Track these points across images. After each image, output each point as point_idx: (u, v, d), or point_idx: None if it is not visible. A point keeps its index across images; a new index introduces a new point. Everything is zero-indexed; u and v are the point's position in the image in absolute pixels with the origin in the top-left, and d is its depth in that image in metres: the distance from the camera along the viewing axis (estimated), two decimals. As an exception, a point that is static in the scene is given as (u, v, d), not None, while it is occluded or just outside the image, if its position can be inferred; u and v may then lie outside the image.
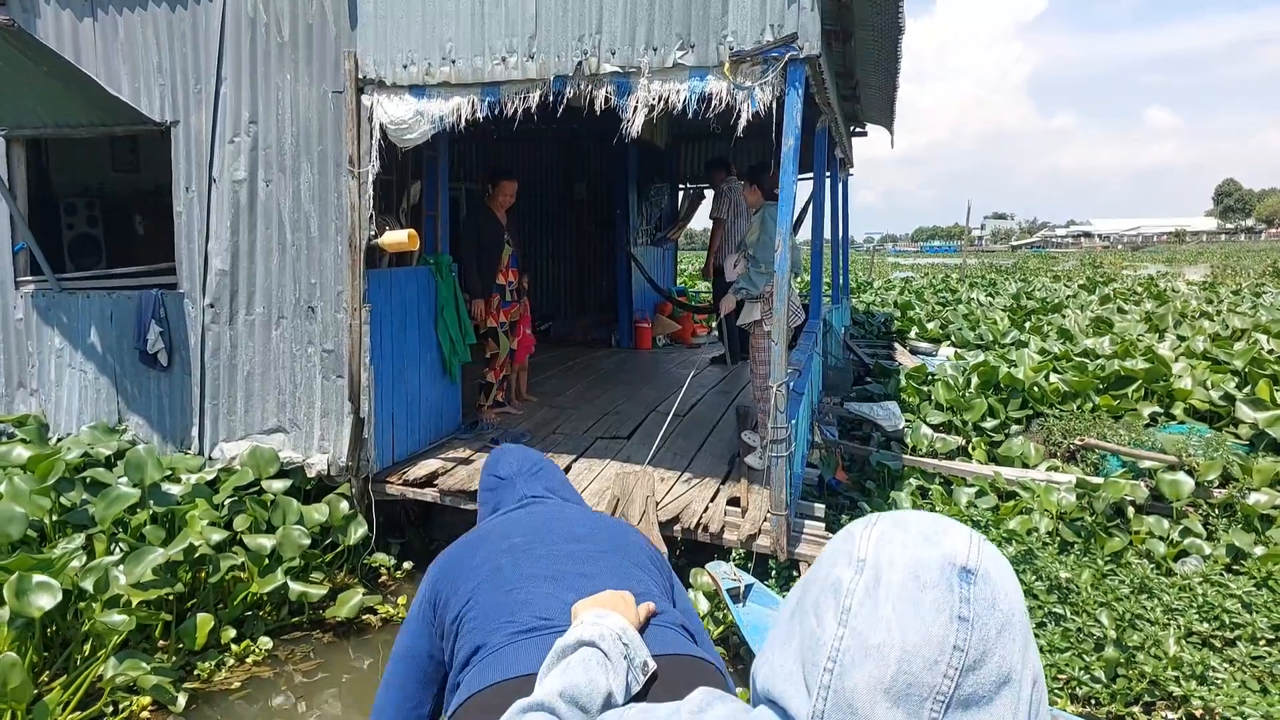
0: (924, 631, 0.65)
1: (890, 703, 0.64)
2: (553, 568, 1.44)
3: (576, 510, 1.68)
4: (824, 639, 0.67)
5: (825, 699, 0.66)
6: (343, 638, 4.17)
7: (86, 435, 4.86)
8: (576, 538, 1.53)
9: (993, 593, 0.67)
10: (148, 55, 4.98)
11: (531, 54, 4.23)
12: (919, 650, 0.64)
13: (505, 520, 1.65)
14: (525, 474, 1.83)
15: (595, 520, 1.62)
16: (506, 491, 1.80)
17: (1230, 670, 3.54)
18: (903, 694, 0.64)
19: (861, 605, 0.67)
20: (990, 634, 0.65)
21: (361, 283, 4.66)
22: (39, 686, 3.27)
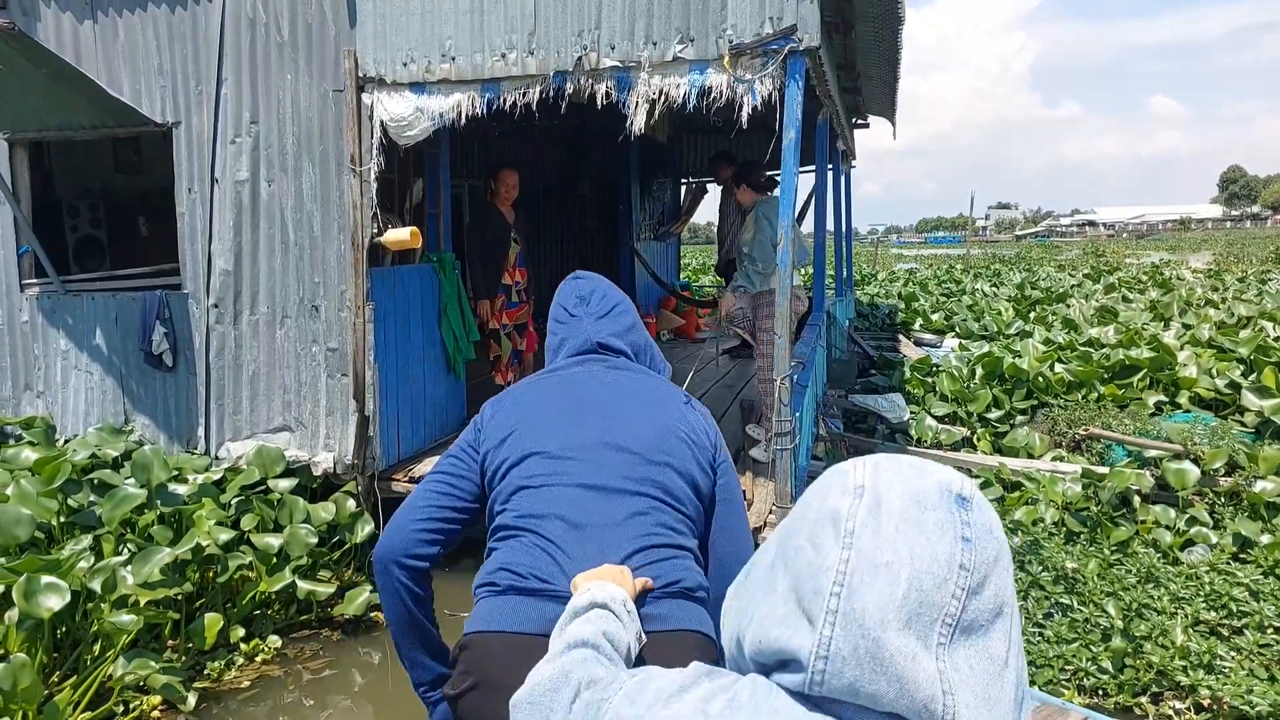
0: (931, 549, 0.64)
1: (902, 623, 0.62)
2: (578, 506, 1.50)
3: (628, 396, 1.67)
4: (826, 564, 0.65)
5: (833, 623, 0.63)
6: (351, 635, 4.19)
7: (93, 436, 4.88)
8: (615, 445, 1.56)
9: (987, 520, 0.67)
10: (148, 57, 4.98)
11: (531, 50, 4.22)
12: (929, 567, 0.63)
13: (558, 388, 1.69)
14: (594, 314, 1.81)
15: (642, 414, 1.62)
16: (574, 329, 1.81)
17: (1238, 659, 3.54)
18: (915, 613, 0.62)
19: (865, 526, 0.65)
20: (989, 558, 0.66)
21: (365, 281, 4.66)
22: (49, 687, 3.29)
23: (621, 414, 1.62)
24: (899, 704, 0.62)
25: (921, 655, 0.62)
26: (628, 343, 1.81)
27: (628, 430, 1.59)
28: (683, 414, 1.65)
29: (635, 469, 1.54)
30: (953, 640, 0.63)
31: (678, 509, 1.55)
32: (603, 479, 1.52)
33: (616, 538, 1.47)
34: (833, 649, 0.63)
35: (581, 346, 1.79)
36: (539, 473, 1.55)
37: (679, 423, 1.63)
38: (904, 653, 0.61)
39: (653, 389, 1.70)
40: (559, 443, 1.57)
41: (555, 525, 1.49)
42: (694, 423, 1.65)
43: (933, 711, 0.61)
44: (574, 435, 1.58)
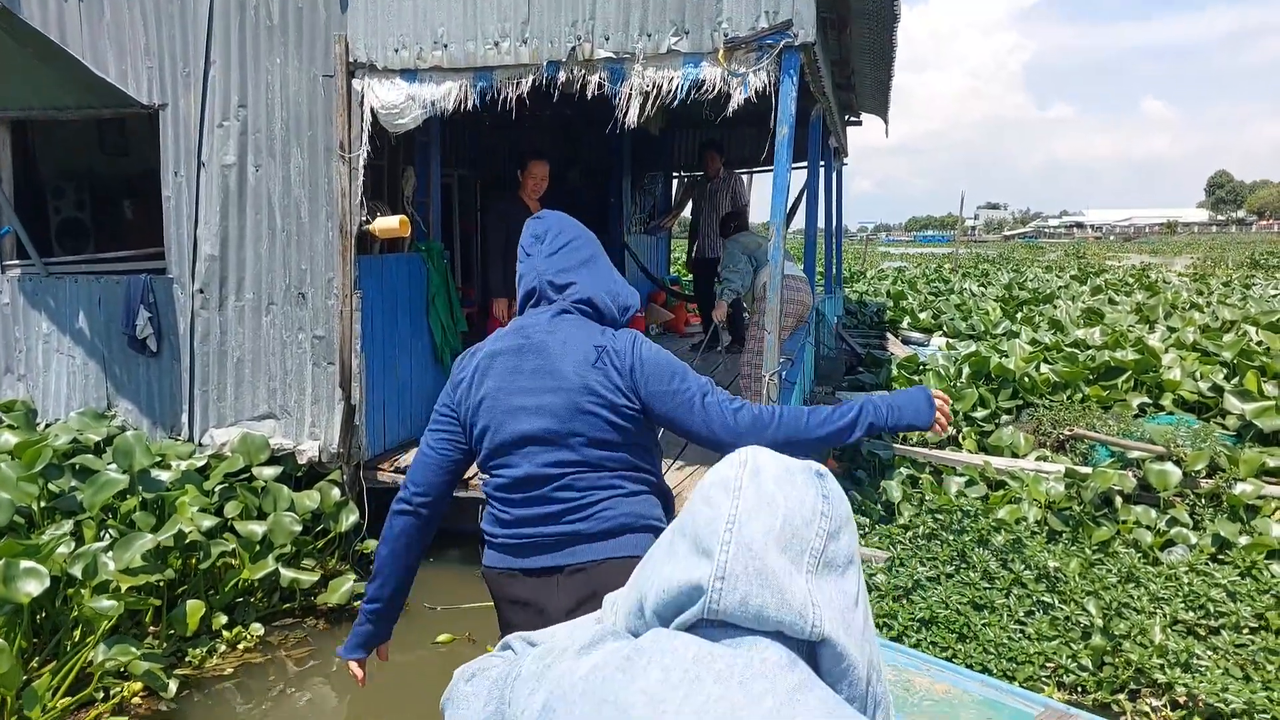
0: (800, 497, 0.81)
1: (780, 549, 0.77)
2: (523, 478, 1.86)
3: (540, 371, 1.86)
4: (720, 513, 0.79)
5: (729, 550, 0.77)
6: (334, 624, 4.17)
7: (75, 421, 4.84)
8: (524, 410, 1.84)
9: (839, 492, 0.85)
10: (134, 37, 4.92)
11: (524, 39, 4.20)
12: (798, 509, 0.80)
13: (499, 350, 1.91)
14: (545, 252, 1.98)
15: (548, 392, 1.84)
16: (529, 268, 2.00)
17: (1214, 658, 3.58)
18: (789, 542, 0.78)
19: (748, 485, 0.81)
20: (841, 516, 0.83)
21: (352, 269, 4.63)
22: (28, 672, 3.26)
23: (537, 380, 1.85)
24: (780, 613, 0.75)
25: (795, 574, 0.77)
26: (572, 278, 1.94)
27: (547, 393, 1.83)
28: (587, 379, 1.82)
29: (557, 429, 1.82)
30: (818, 570, 0.79)
31: (592, 454, 1.83)
32: (532, 430, 1.83)
33: (552, 502, 1.83)
34: (728, 570, 0.76)
35: (531, 284, 1.98)
36: (493, 433, 1.87)
37: (587, 382, 1.82)
38: (782, 570, 0.76)
39: (569, 348, 1.86)
40: (504, 407, 1.86)
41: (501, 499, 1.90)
42: (603, 371, 1.83)
43: (805, 618, 0.75)
44: (514, 398, 1.86)
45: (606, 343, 1.85)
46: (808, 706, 0.71)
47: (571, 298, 1.92)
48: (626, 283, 2.03)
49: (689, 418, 1.82)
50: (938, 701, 2.61)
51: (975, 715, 2.55)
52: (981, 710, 2.57)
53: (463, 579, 4.64)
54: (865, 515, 4.89)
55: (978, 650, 3.66)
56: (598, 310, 1.93)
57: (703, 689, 0.72)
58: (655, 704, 0.73)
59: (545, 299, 1.95)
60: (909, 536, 4.59)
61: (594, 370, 1.81)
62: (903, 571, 4.18)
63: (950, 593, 4.00)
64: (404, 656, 3.96)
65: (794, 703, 0.71)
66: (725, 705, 0.71)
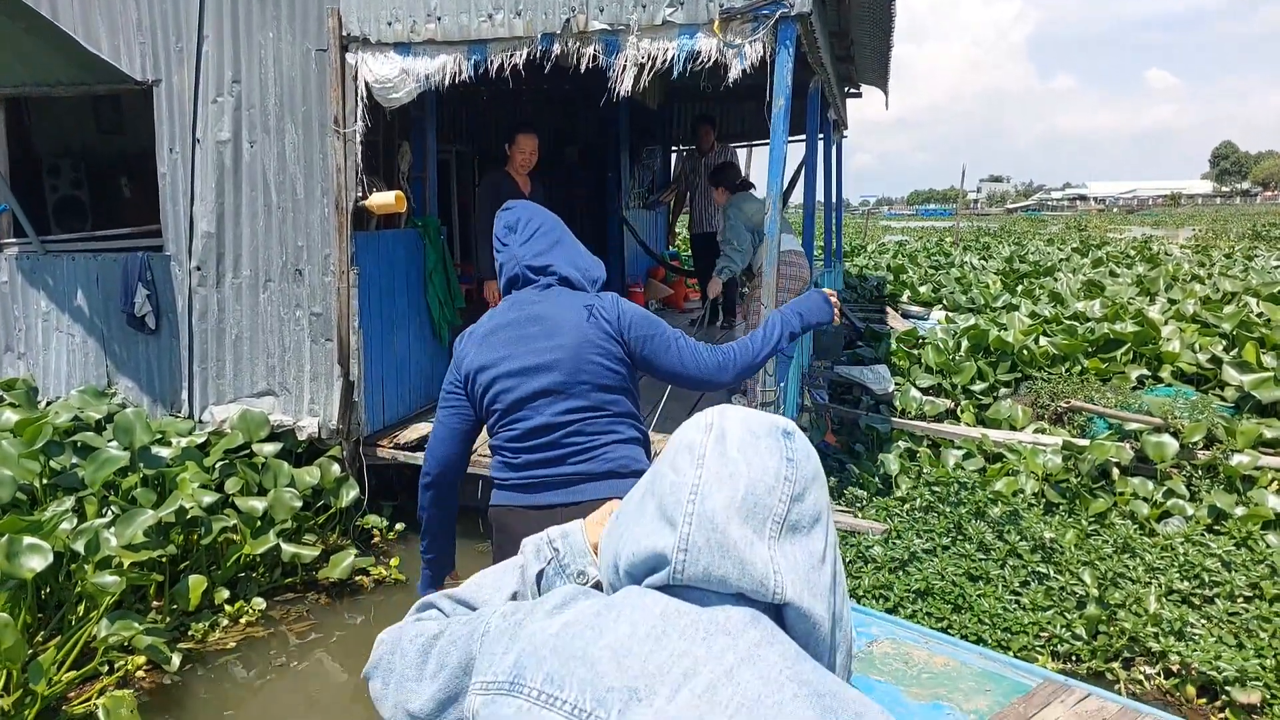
0: (763, 465, 0.81)
1: (741, 519, 0.79)
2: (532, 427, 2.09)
3: (543, 335, 2.09)
4: (684, 481, 0.82)
5: (690, 523, 0.80)
6: (336, 598, 4.21)
7: (75, 399, 4.85)
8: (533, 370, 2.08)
9: (806, 449, 0.85)
10: (126, 11, 4.88)
11: (518, 10, 4.16)
12: (761, 478, 0.81)
13: (498, 322, 2.15)
14: (519, 240, 2.21)
15: (553, 350, 2.07)
16: (506, 256, 2.23)
17: (1208, 626, 3.62)
18: (751, 512, 0.80)
19: (712, 452, 0.82)
20: (808, 476, 0.84)
21: (349, 245, 4.63)
22: (33, 646, 3.31)
23: (540, 341, 2.08)
24: (741, 582, 0.78)
25: (757, 544, 0.79)
26: (547, 260, 2.18)
27: (555, 349, 2.07)
28: (587, 332, 2.08)
29: (566, 380, 2.05)
30: (781, 535, 0.80)
31: (599, 399, 2.08)
32: (543, 385, 2.06)
33: (562, 446, 2.06)
34: (690, 542, 0.79)
35: (512, 271, 2.20)
36: (504, 394, 2.08)
37: (588, 335, 2.08)
38: (743, 541, 0.78)
39: (564, 311, 2.11)
40: (511, 369, 2.07)
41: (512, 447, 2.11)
42: (598, 326, 2.09)
43: (766, 586, 0.78)
44: (521, 360, 2.08)
45: (594, 301, 2.13)
46: (767, 661, 0.75)
47: (550, 276, 2.17)
48: (592, 256, 2.27)
49: (666, 357, 2.14)
50: (937, 674, 2.63)
51: (974, 687, 2.57)
52: (980, 682, 2.59)
53: (460, 555, 4.65)
54: (863, 488, 4.91)
55: (973, 621, 3.69)
56: (573, 285, 2.18)
57: (668, 644, 0.77)
58: (620, 658, 0.77)
59: (527, 281, 2.18)
60: (906, 509, 4.61)
61: (589, 325, 2.08)
62: (899, 544, 4.21)
63: (946, 564, 4.03)
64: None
65: (754, 658, 0.75)
66: (689, 660, 0.75)
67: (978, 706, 2.47)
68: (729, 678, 0.74)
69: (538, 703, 0.79)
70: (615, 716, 0.74)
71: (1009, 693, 2.55)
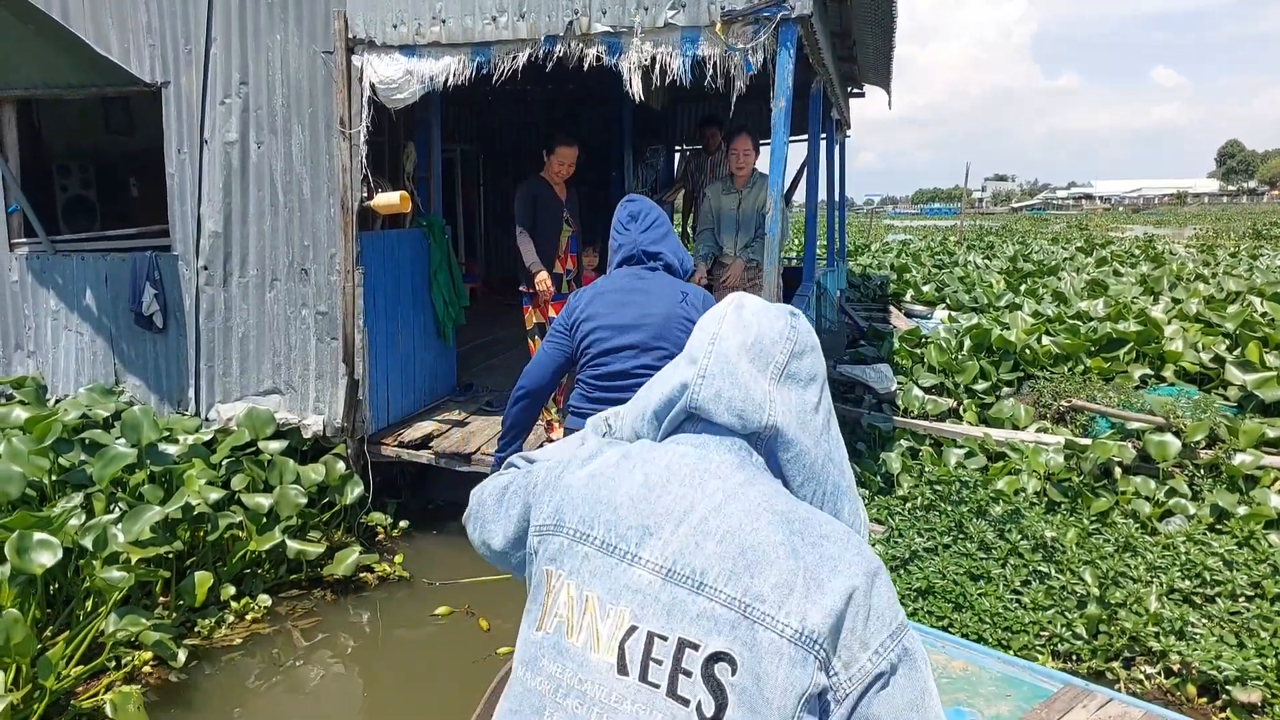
0: (771, 323, 1.06)
1: (749, 359, 1.04)
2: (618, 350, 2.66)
3: (645, 297, 2.67)
4: (707, 333, 1.07)
5: (709, 356, 1.04)
6: (341, 595, 4.25)
7: (84, 397, 4.90)
8: (628, 327, 2.65)
9: (808, 327, 1.09)
10: (136, 14, 4.92)
11: (522, 13, 4.19)
12: (768, 331, 1.06)
13: (608, 287, 2.72)
14: (639, 229, 2.77)
15: (647, 316, 2.64)
16: (626, 239, 2.77)
17: (1209, 626, 3.62)
18: (757, 354, 1.04)
19: (731, 314, 1.08)
20: (807, 344, 1.07)
21: (354, 245, 4.66)
22: (42, 641, 3.34)
23: (640, 309, 2.65)
24: (743, 405, 1.02)
25: (760, 377, 1.04)
26: (659, 246, 2.75)
27: (644, 321, 2.64)
28: (676, 310, 2.65)
29: (650, 340, 2.63)
30: (781, 379, 1.04)
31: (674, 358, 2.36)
32: (632, 340, 2.64)
33: (628, 382, 2.57)
34: (708, 371, 1.04)
35: (630, 252, 2.76)
36: (599, 341, 2.66)
37: (676, 313, 2.65)
38: (748, 374, 1.03)
39: (663, 291, 2.69)
40: (610, 324, 2.65)
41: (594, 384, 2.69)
42: (686, 311, 2.65)
43: (762, 409, 1.02)
44: (619, 318, 2.66)
45: (688, 290, 2.73)
46: (748, 498, 0.98)
47: (659, 262, 2.75)
48: (685, 250, 2.85)
49: None
50: (956, 679, 2.62)
51: (995, 692, 2.55)
52: (1000, 687, 2.57)
53: (464, 552, 4.68)
54: (865, 487, 4.93)
55: (973, 620, 3.71)
56: (672, 270, 2.77)
57: (672, 489, 1.00)
58: (635, 503, 1.00)
59: (639, 261, 2.76)
60: (908, 508, 4.63)
61: (679, 305, 2.66)
62: (900, 542, 4.23)
63: (947, 563, 4.05)
64: (404, 629, 4.05)
65: (738, 495, 0.98)
66: (687, 501, 0.99)
67: (999, 712, 2.46)
68: (718, 511, 0.97)
69: (575, 539, 1.02)
70: (634, 547, 0.98)
71: (1030, 697, 2.53)
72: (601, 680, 0.93)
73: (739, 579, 0.92)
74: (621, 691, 0.92)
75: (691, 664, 0.90)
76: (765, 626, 0.90)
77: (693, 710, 0.89)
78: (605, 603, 0.96)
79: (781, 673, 0.88)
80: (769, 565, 0.92)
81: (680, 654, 0.91)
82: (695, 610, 0.92)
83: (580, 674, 0.95)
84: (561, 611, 0.99)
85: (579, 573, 1.00)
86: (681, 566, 0.94)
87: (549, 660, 0.98)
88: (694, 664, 0.90)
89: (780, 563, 0.92)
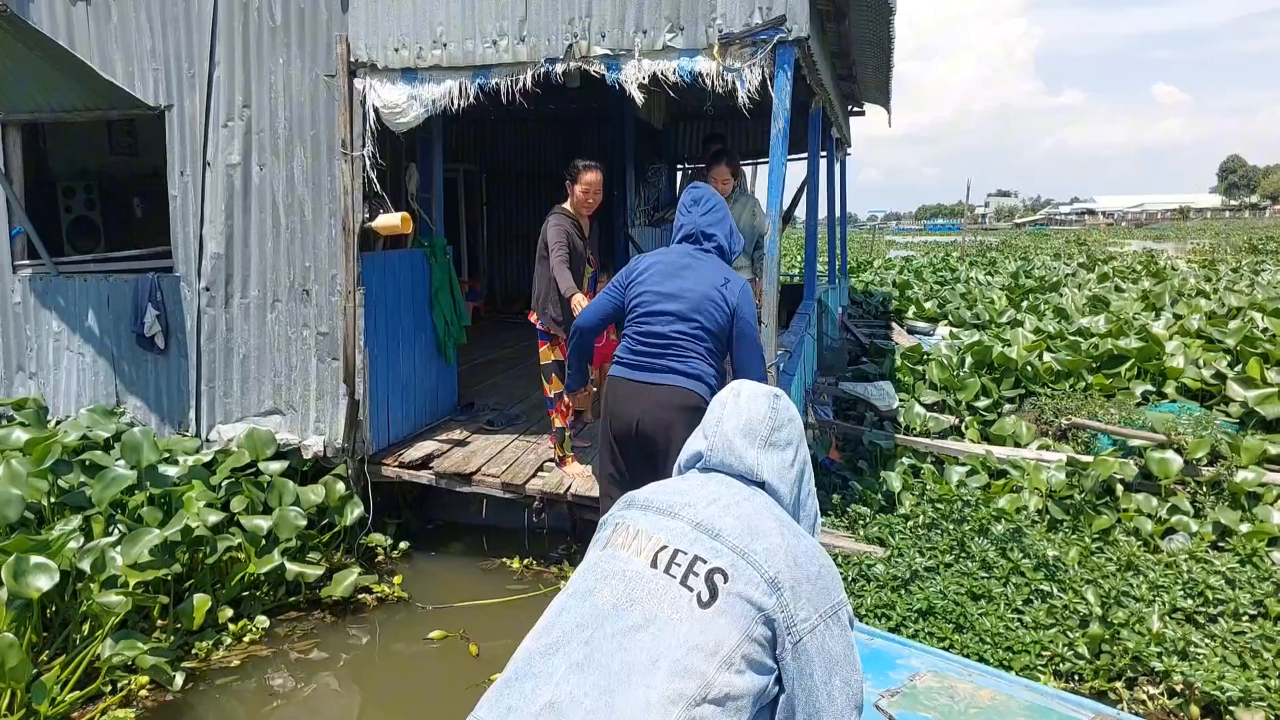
0: (758, 407, 1.58)
1: (742, 435, 1.56)
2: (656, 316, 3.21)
3: (693, 274, 3.19)
4: (714, 415, 1.62)
5: (715, 436, 1.58)
6: (339, 617, 4.23)
7: (85, 418, 4.91)
8: (672, 296, 3.18)
9: (788, 404, 1.61)
10: (141, 39, 4.98)
11: (522, 37, 4.23)
12: (755, 413, 1.58)
13: (665, 258, 3.28)
14: (699, 212, 3.30)
15: (696, 285, 3.17)
16: (688, 220, 3.30)
17: (1212, 646, 3.59)
18: (748, 432, 1.56)
19: (731, 401, 1.61)
20: (784, 419, 1.59)
21: (356, 266, 4.68)
22: (38, 666, 3.34)
23: (684, 282, 3.18)
24: (739, 467, 1.54)
25: (750, 448, 1.55)
26: (715, 229, 3.28)
27: (685, 293, 3.16)
28: (714, 293, 3.15)
29: (687, 311, 3.15)
30: (764, 447, 1.55)
31: (700, 333, 3.15)
32: (671, 309, 3.16)
33: (664, 342, 3.17)
34: (714, 447, 1.58)
35: (690, 232, 3.28)
36: (645, 303, 3.21)
37: (713, 294, 3.15)
38: (741, 445, 1.55)
39: (708, 272, 3.19)
40: (657, 290, 3.19)
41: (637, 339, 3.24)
42: (723, 294, 3.15)
43: (753, 471, 1.53)
44: (665, 287, 3.19)
45: (730, 277, 3.20)
46: (755, 503, 1.49)
47: (713, 243, 3.27)
48: (739, 235, 3.37)
49: (740, 342, 3.18)
50: (984, 709, 2.55)
51: None
52: (1030, 716, 2.50)
53: (463, 573, 4.70)
54: (866, 505, 4.92)
55: (974, 640, 3.68)
56: (724, 252, 3.29)
57: (706, 488, 1.52)
58: (682, 491, 1.51)
59: (695, 241, 3.27)
60: (909, 526, 4.61)
61: (717, 290, 3.15)
62: (901, 561, 4.21)
63: (949, 583, 4.03)
64: (400, 652, 4.02)
65: (750, 500, 1.49)
66: (715, 495, 1.48)
67: None
68: (736, 504, 1.46)
69: (639, 508, 1.51)
70: (677, 510, 1.46)
71: None
72: (638, 570, 1.39)
73: (743, 538, 1.39)
74: (650, 576, 1.37)
75: (699, 569, 1.36)
76: (751, 565, 1.36)
77: (694, 596, 1.33)
78: (649, 533, 1.44)
79: (753, 592, 1.33)
80: (764, 537, 1.39)
81: (693, 564, 1.37)
82: (710, 546, 1.38)
83: (624, 567, 1.40)
84: (618, 540, 1.47)
85: (635, 520, 1.48)
86: (707, 525, 1.41)
87: (605, 561, 1.44)
88: (701, 570, 1.36)
89: (773, 538, 1.39)
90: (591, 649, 1.31)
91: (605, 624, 1.33)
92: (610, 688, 1.27)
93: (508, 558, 4.83)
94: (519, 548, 4.88)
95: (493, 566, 4.79)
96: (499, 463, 4.92)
